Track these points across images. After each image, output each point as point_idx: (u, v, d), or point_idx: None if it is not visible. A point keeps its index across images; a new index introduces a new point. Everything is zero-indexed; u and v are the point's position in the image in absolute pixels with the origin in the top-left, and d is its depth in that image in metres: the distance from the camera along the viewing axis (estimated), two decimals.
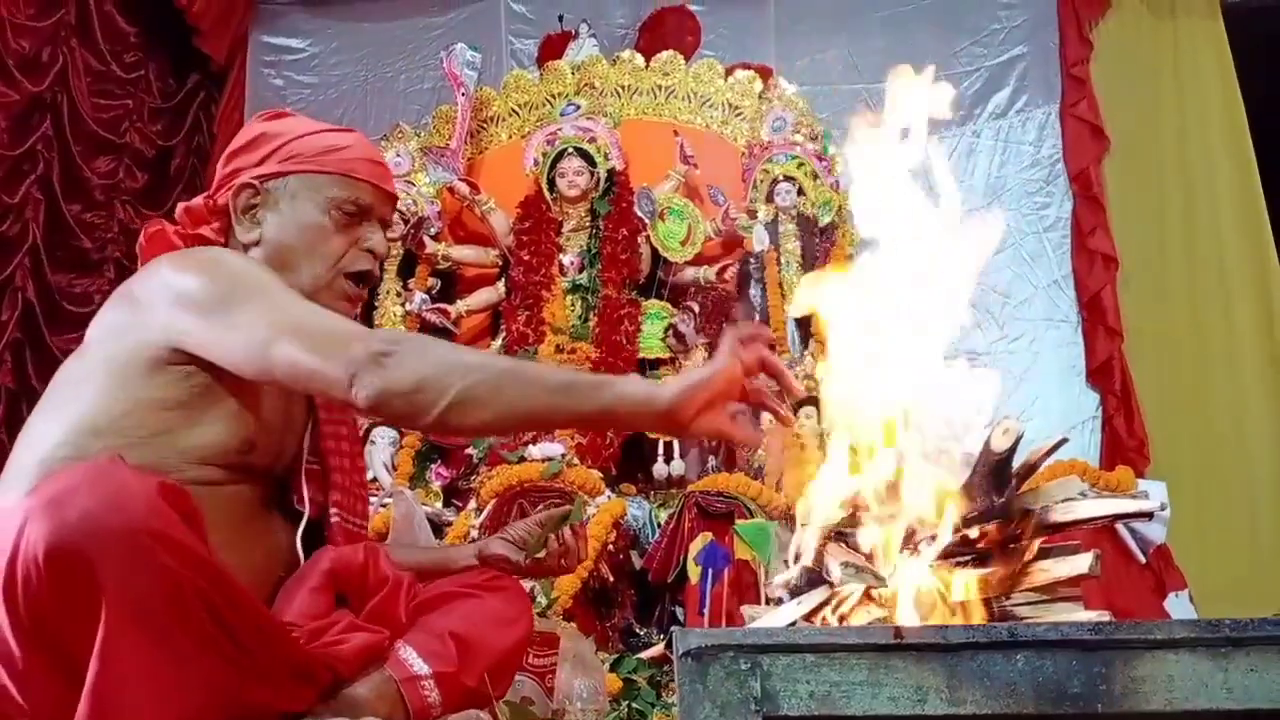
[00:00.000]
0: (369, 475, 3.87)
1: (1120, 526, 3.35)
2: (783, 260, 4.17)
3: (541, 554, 1.61)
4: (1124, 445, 4.45)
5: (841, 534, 1.29)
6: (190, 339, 1.32)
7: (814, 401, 3.63)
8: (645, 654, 2.91)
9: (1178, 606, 3.66)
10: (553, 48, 4.90)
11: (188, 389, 1.33)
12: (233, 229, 1.49)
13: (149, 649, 1.07)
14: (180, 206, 1.54)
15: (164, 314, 1.34)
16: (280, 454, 1.48)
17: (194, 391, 1.33)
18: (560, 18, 4.98)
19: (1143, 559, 3.49)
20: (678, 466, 3.80)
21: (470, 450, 3.97)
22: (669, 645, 1.05)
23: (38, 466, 1.26)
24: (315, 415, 1.55)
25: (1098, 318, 4.64)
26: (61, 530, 1.05)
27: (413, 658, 1.35)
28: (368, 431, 3.98)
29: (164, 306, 1.34)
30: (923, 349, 1.34)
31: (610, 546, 3.33)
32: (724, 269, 4.29)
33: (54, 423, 1.32)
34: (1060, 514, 1.24)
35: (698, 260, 4.31)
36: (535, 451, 3.58)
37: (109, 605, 1.05)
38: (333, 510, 1.51)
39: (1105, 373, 4.58)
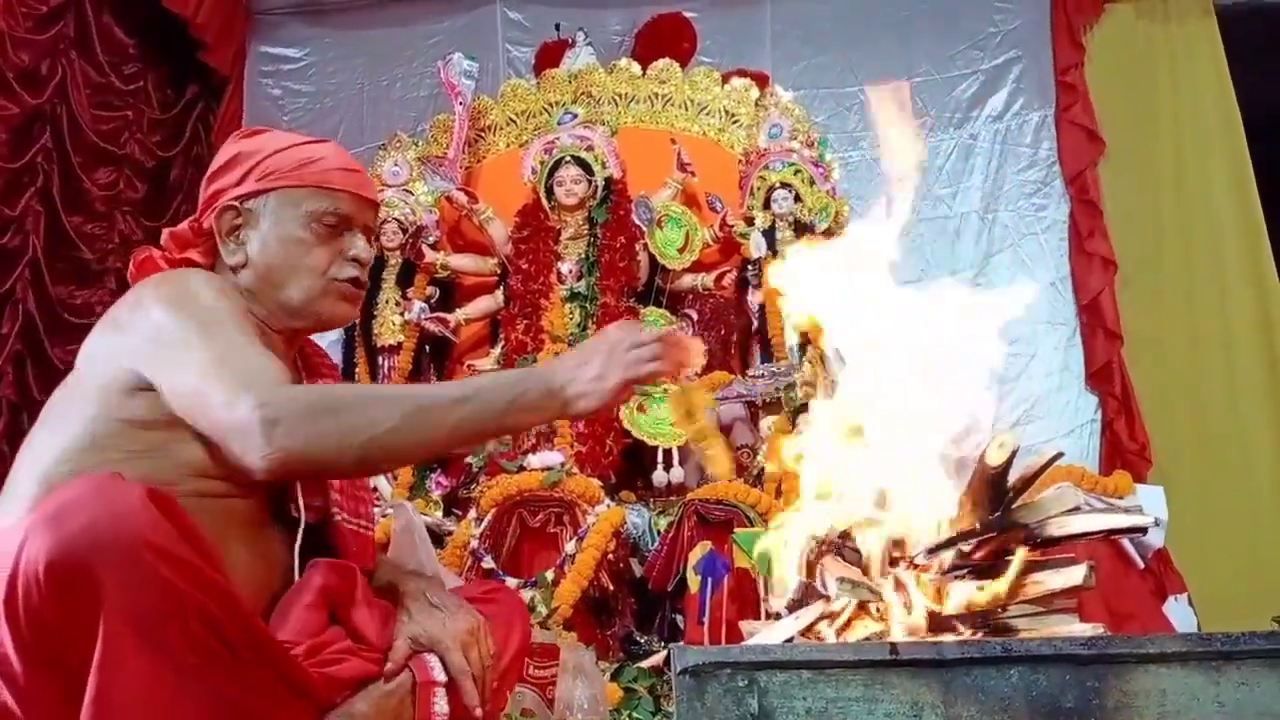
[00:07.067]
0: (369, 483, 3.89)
1: None
2: None
3: None
4: (1125, 449, 4.45)
5: (838, 548, 1.30)
6: (148, 371, 1.35)
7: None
8: (645, 663, 2.93)
9: (1178, 610, 3.66)
10: (549, 56, 4.91)
11: (165, 409, 1.33)
12: (219, 252, 1.51)
13: (149, 662, 1.07)
14: (166, 233, 1.56)
15: (136, 341, 1.37)
16: None
17: (172, 411, 1.33)
18: (557, 26, 4.99)
19: (1141, 564, 3.49)
20: (677, 474, 3.79)
21: (470, 459, 3.98)
22: (667, 661, 1.06)
23: (38, 484, 1.28)
24: None
25: (1097, 321, 4.63)
26: (62, 544, 1.05)
27: (434, 662, 1.35)
28: None
29: (137, 335, 1.37)
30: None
31: (610, 555, 3.33)
32: (722, 276, 4.29)
33: (51, 441, 1.34)
34: (1055, 528, 1.24)
35: (696, 267, 4.31)
36: (534, 460, 3.58)
37: (109, 618, 1.05)
38: (335, 512, 1.49)
39: (1105, 376, 4.58)
